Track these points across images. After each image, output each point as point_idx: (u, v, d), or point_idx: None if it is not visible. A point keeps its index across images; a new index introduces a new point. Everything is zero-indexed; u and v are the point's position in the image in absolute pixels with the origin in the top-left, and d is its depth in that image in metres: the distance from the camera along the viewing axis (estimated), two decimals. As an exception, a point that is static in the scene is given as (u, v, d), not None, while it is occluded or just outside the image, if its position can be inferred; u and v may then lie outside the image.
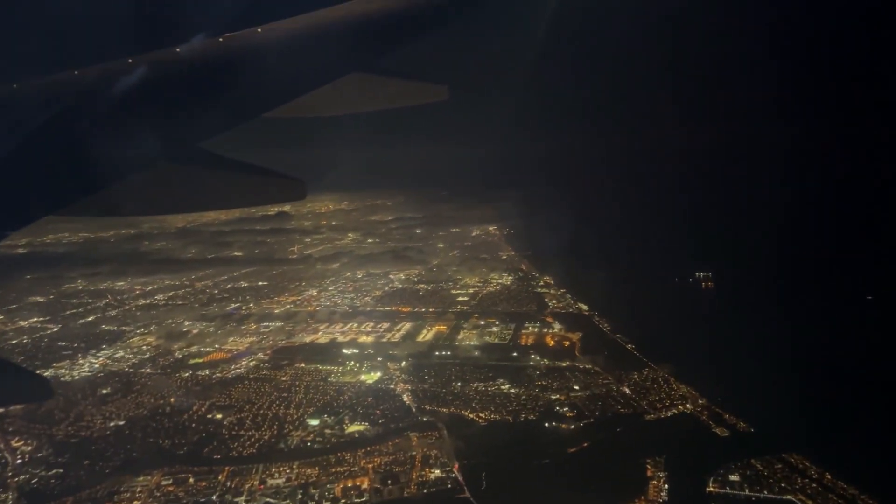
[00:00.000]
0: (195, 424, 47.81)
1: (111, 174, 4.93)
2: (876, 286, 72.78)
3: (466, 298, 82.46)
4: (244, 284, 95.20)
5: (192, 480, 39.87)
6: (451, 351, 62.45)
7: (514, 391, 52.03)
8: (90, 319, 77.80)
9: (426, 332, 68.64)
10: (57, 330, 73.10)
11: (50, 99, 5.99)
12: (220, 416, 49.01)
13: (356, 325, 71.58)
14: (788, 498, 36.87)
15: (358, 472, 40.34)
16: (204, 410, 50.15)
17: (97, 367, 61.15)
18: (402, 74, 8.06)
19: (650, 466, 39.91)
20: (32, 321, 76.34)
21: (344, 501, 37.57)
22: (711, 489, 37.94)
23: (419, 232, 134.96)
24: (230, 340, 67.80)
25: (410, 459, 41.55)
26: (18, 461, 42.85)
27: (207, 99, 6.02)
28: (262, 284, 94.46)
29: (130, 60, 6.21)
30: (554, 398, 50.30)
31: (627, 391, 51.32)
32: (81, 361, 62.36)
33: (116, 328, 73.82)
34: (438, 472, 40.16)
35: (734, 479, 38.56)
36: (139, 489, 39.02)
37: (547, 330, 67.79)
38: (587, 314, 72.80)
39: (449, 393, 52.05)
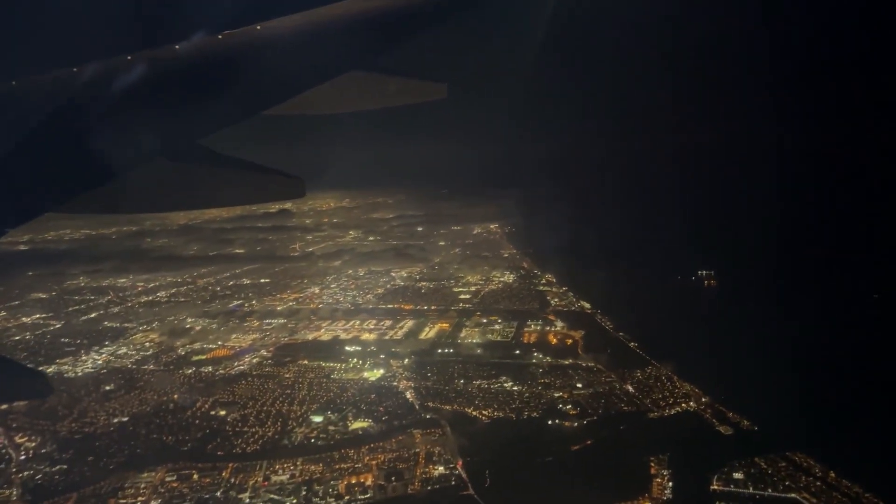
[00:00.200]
0: (199, 421, 47.84)
1: (110, 171, 4.94)
2: (879, 284, 72.70)
3: (468, 296, 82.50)
4: (246, 281, 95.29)
5: (196, 477, 39.89)
6: (453, 349, 62.46)
7: (516, 389, 52.03)
8: (93, 316, 77.89)
9: (428, 329, 68.65)
10: (60, 326, 73.18)
11: (48, 96, 5.95)
12: (223, 412, 49.03)
13: (358, 322, 71.59)
14: (793, 496, 36.87)
15: (362, 468, 40.38)
16: (207, 407, 50.18)
17: (100, 363, 61.22)
18: (401, 72, 8.06)
19: (654, 464, 39.91)
20: (35, 317, 76.40)
21: (348, 498, 37.61)
22: (715, 487, 37.95)
23: (420, 230, 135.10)
24: (233, 337, 67.86)
25: (414, 456, 41.58)
26: (22, 457, 42.88)
27: (207, 96, 6.00)
28: (264, 282, 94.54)
29: (129, 58, 6.20)
30: (557, 396, 50.30)
31: (630, 389, 51.31)
32: (84, 358, 62.41)
33: (119, 325, 73.89)
34: (442, 468, 40.20)
35: (738, 477, 38.56)
36: (143, 485, 39.06)
37: (549, 328, 67.79)
38: (589, 312, 72.79)
39: (452, 390, 52.06)
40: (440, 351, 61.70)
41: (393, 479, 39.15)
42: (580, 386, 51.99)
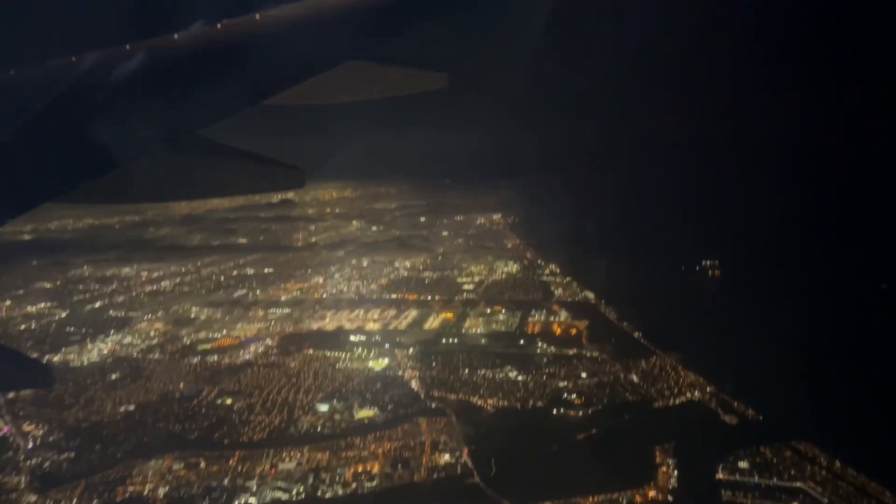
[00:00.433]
0: (205, 409, 48.11)
1: (110, 161, 4.89)
2: (886, 274, 72.43)
3: (472, 286, 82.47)
4: (250, 271, 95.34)
5: (203, 465, 40.20)
6: (457, 338, 62.55)
7: (521, 378, 52.16)
8: (97, 305, 78.10)
9: (433, 319, 68.72)
10: (65, 315, 73.43)
11: (47, 86, 5.88)
12: (229, 401, 49.27)
13: (363, 312, 71.69)
14: (798, 485, 36.99)
15: (368, 456, 40.61)
16: (213, 395, 50.43)
17: (106, 352, 61.51)
18: (401, 62, 7.99)
19: (659, 454, 40.04)
20: (40, 307, 76.64)
21: (355, 485, 37.87)
22: (721, 476, 38.10)
23: (423, 220, 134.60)
24: (238, 327, 68.05)
25: (420, 445, 41.79)
26: (30, 445, 43.20)
27: (207, 86, 5.94)
28: (268, 271, 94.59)
29: (128, 47, 6.12)
30: (562, 385, 50.41)
31: (635, 379, 51.37)
32: (90, 347, 62.68)
33: (124, 314, 74.12)
34: (448, 457, 40.41)
35: (743, 466, 38.71)
36: (151, 473, 39.37)
37: (553, 318, 67.81)
38: (593, 302, 72.75)
39: (457, 380, 52.19)
40: (444, 341, 61.80)
41: (399, 466, 39.37)
42: (585, 376, 52.08)
